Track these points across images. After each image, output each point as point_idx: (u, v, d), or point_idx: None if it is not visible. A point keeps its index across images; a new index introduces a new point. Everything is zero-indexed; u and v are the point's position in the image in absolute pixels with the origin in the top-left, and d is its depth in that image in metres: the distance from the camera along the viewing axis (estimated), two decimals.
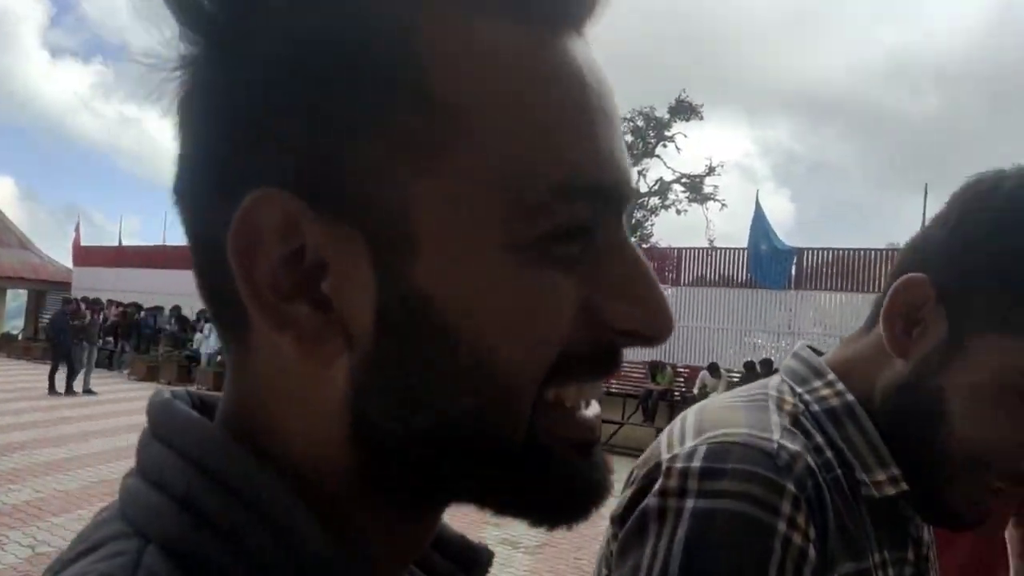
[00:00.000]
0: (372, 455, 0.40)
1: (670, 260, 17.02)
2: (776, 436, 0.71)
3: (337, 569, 0.38)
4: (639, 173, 34.42)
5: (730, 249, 16.20)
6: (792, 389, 0.79)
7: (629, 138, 33.86)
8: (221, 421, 0.43)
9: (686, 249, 17.15)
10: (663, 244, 21.95)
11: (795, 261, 14.31)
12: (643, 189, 34.35)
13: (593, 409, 0.43)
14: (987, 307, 0.70)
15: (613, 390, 14.67)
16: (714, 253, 16.58)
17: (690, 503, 0.66)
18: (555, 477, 0.41)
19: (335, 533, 0.39)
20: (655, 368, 14.71)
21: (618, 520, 0.73)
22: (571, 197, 0.38)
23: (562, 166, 0.38)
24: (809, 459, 0.71)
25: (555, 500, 0.42)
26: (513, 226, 0.37)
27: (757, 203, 14.65)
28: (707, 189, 32.70)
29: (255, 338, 0.41)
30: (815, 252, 14.43)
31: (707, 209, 32.54)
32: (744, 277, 15.33)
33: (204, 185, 0.40)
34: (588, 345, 0.40)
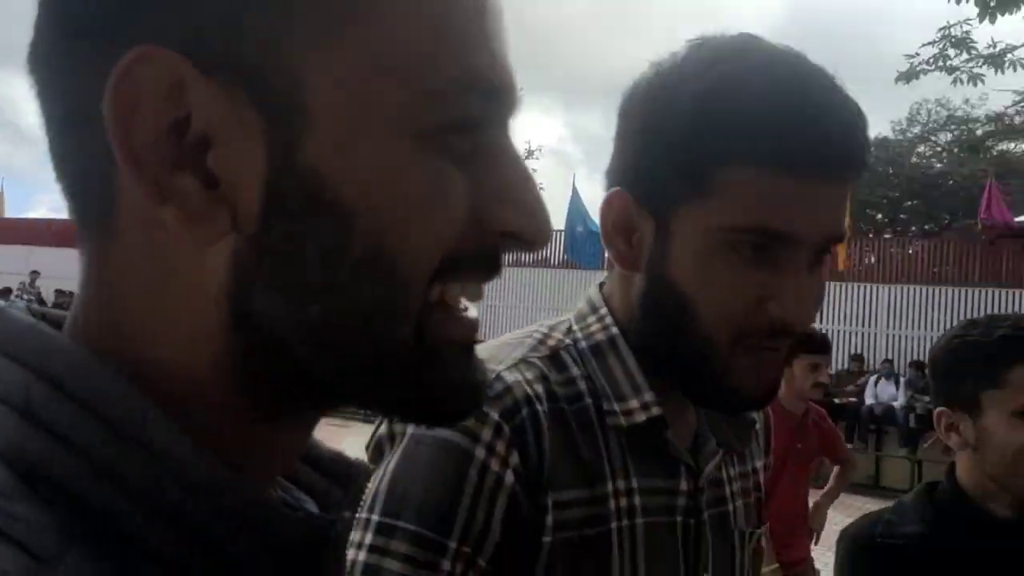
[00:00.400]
0: (254, 351, 0.38)
1: None
2: (501, 368, 0.74)
3: (207, 480, 0.36)
4: None
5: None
6: (570, 327, 0.82)
7: None
8: (69, 330, 0.39)
9: None
10: None
11: None
12: None
13: (472, 312, 0.43)
14: (667, 186, 0.73)
15: None
16: None
17: (410, 429, 0.71)
18: (442, 377, 0.40)
19: (212, 445, 0.36)
20: None
21: (366, 451, 0.76)
22: (469, 91, 0.38)
23: (462, 59, 0.38)
24: (534, 389, 0.74)
25: (441, 401, 0.42)
26: (411, 112, 0.37)
27: (574, 187, 15.11)
28: None
29: (124, 222, 0.37)
30: None
31: None
32: (561, 258, 15.83)
33: (70, 47, 0.36)
34: (473, 244, 0.39)
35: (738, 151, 0.69)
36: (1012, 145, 28.05)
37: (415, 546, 0.67)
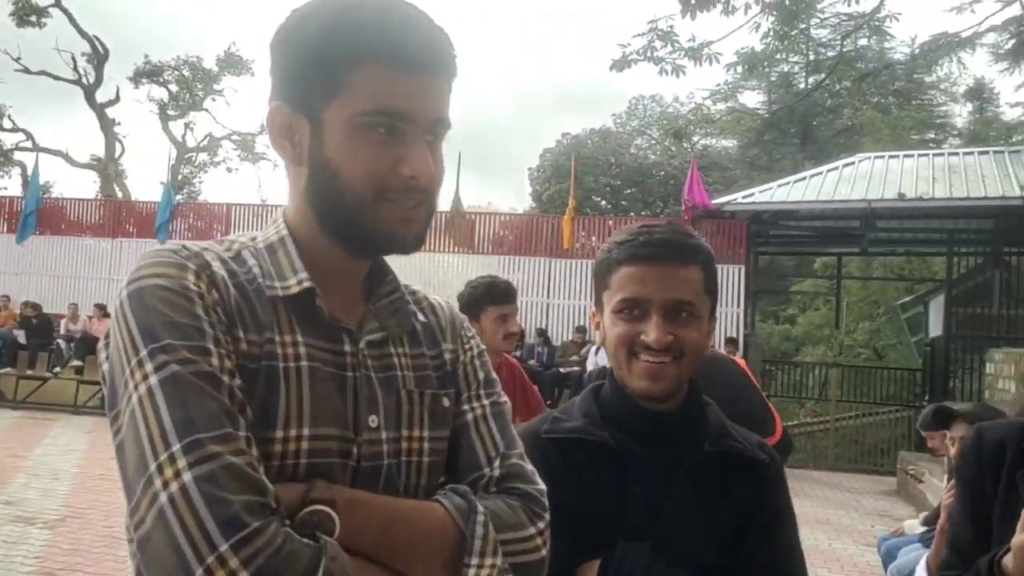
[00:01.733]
0: None
1: (221, 217, 16.36)
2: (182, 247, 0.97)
3: None
4: (186, 126, 32.41)
5: (283, 206, 16.11)
6: (254, 237, 1.06)
7: (174, 88, 31.64)
8: None
9: (238, 206, 16.68)
10: (213, 201, 20.94)
11: None
12: (191, 144, 32.37)
13: None
14: (313, 91, 0.96)
15: None
16: (267, 210, 16.33)
17: (123, 294, 0.91)
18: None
19: None
20: None
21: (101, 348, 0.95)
22: None
23: None
24: (211, 263, 0.96)
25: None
26: None
27: None
28: (259, 148, 32.02)
29: None
30: None
31: (259, 168, 31.87)
32: None
33: None
34: None
35: (362, 56, 0.93)
36: (713, 141, 31.41)
37: (190, 352, 0.86)
